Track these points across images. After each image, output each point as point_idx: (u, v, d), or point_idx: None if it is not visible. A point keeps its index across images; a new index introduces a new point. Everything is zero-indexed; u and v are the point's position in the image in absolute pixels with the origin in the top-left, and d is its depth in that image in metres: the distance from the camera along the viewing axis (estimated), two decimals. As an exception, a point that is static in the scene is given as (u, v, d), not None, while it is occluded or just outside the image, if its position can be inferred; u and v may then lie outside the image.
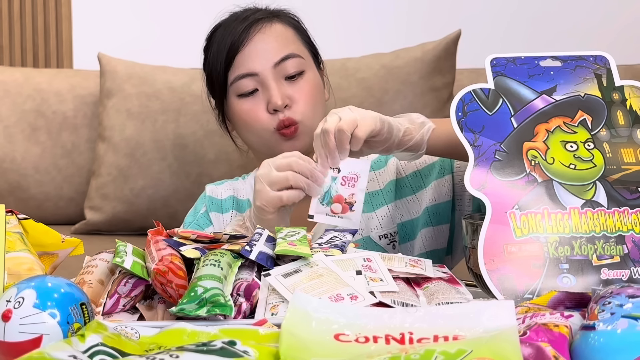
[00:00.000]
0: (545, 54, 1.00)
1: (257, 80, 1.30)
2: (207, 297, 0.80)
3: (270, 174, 1.06)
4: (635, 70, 2.04)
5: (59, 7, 2.70)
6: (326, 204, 1.04)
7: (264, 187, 1.07)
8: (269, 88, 1.29)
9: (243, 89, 1.31)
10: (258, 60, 1.31)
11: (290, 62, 1.31)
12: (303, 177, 1.04)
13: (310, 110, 1.31)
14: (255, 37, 1.32)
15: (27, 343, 0.69)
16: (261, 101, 1.30)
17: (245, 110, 1.31)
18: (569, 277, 0.87)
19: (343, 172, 1.04)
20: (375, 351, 0.66)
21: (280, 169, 1.06)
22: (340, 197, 1.03)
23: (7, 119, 2.18)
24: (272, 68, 1.30)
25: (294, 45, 1.34)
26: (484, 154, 0.93)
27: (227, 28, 1.36)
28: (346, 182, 1.04)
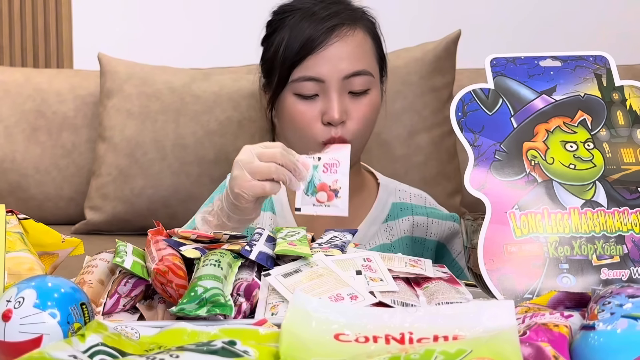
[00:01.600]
0: (545, 54, 1.00)
1: (321, 86, 1.23)
2: (207, 297, 0.80)
3: (253, 163, 1.03)
4: (635, 70, 2.04)
5: (59, 7, 2.70)
6: (311, 194, 1.02)
7: (244, 174, 1.03)
8: (330, 99, 1.22)
9: (304, 90, 1.24)
10: (329, 67, 1.23)
11: (360, 79, 1.24)
12: (286, 171, 1.03)
13: (362, 131, 1.26)
14: (335, 43, 1.24)
15: (27, 343, 0.69)
16: (317, 108, 1.24)
17: (300, 112, 1.24)
18: (569, 277, 0.87)
19: (324, 160, 1.03)
20: (375, 351, 0.66)
21: (264, 159, 1.03)
22: (324, 185, 1.02)
23: (7, 119, 2.18)
24: (340, 79, 1.23)
25: (367, 60, 1.27)
26: (483, 154, 0.93)
27: (306, 18, 1.26)
28: (328, 168, 1.02)
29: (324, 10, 1.26)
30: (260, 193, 1.04)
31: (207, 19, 2.64)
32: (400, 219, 1.35)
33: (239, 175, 1.04)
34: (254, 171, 1.03)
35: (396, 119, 2.00)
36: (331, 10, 1.26)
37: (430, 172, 2.01)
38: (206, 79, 2.17)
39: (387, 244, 1.32)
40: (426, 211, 1.37)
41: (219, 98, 2.12)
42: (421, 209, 1.37)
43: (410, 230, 1.34)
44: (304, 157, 1.04)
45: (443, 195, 1.99)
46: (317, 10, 1.26)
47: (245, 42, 2.65)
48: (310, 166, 1.03)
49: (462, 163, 2.06)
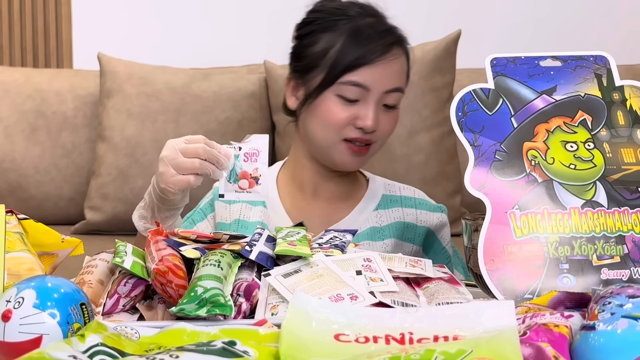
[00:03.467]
0: (546, 54, 1.00)
1: (364, 94, 1.30)
2: (207, 297, 0.79)
3: (177, 159, 1.09)
4: (635, 70, 2.04)
5: (59, 7, 2.70)
6: (233, 181, 1.08)
7: (169, 169, 1.09)
8: (369, 108, 1.30)
9: (348, 94, 1.30)
10: (378, 80, 1.31)
11: (395, 95, 1.33)
12: (209, 164, 1.08)
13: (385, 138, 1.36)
14: (389, 59, 1.31)
15: (27, 343, 0.69)
16: (353, 111, 1.30)
17: (337, 112, 1.30)
18: (569, 277, 0.87)
19: (244, 149, 1.09)
20: (375, 351, 0.66)
21: (187, 155, 1.09)
22: (245, 173, 1.08)
23: (7, 119, 2.18)
24: (382, 92, 1.30)
25: (402, 78, 1.36)
26: (484, 154, 0.93)
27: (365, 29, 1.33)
28: (248, 158, 1.08)
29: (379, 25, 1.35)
30: (185, 186, 1.10)
31: (207, 19, 2.64)
32: (391, 209, 1.41)
33: (164, 171, 1.10)
34: (178, 166, 1.09)
35: (396, 119, 2.00)
36: (386, 27, 1.35)
37: (430, 172, 2.01)
38: (206, 79, 2.17)
39: (377, 227, 1.38)
40: (415, 202, 1.42)
41: (219, 98, 2.12)
42: (410, 200, 1.42)
43: (402, 217, 1.40)
44: (225, 147, 1.10)
45: (443, 195, 1.99)
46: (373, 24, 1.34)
47: (245, 42, 2.66)
48: (232, 156, 1.09)
49: (462, 163, 2.06)
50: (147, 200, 1.18)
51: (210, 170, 1.08)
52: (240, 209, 1.38)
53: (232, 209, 1.38)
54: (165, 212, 1.16)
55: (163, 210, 1.16)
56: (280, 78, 2.11)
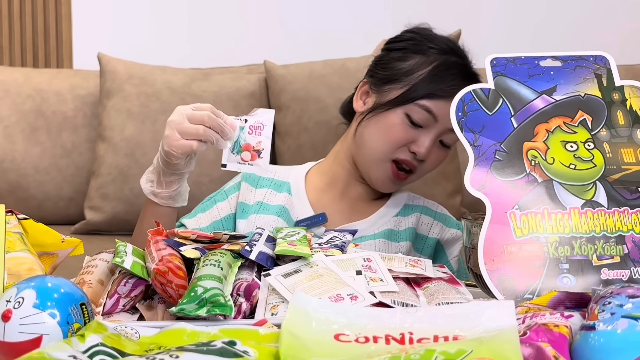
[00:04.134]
0: (545, 54, 1.00)
1: (431, 122, 1.32)
2: (207, 297, 0.79)
3: (183, 124, 1.11)
4: (635, 70, 2.04)
5: (59, 7, 2.70)
6: (236, 152, 1.10)
7: (174, 134, 1.12)
8: (428, 137, 1.32)
9: (416, 118, 1.31)
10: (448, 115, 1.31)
11: (453, 137, 1.31)
12: (213, 132, 1.10)
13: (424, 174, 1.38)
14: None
15: (27, 343, 0.69)
16: (412, 135, 1.32)
17: (399, 129, 1.32)
18: (569, 277, 0.87)
19: (250, 122, 1.10)
20: (375, 351, 0.66)
21: (193, 121, 1.11)
22: (248, 146, 1.10)
23: (7, 119, 2.18)
24: (445, 127, 1.32)
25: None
26: (484, 154, 0.93)
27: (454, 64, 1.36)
28: (253, 130, 1.10)
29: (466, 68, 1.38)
30: (188, 151, 1.13)
31: (208, 19, 2.64)
32: (409, 215, 1.42)
33: (169, 134, 1.13)
34: (183, 131, 1.12)
35: (396, 119, 1.99)
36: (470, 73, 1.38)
37: (430, 172, 2.00)
38: (206, 79, 2.17)
39: (395, 230, 1.39)
40: (434, 214, 1.44)
41: (219, 98, 2.12)
42: (430, 211, 1.44)
43: (416, 224, 1.41)
44: (232, 118, 1.11)
45: (443, 195, 1.99)
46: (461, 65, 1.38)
47: (245, 42, 2.66)
48: (237, 127, 1.10)
49: (462, 163, 2.06)
50: (155, 164, 1.20)
51: (214, 139, 1.10)
52: (265, 193, 1.39)
53: (257, 192, 1.39)
54: (169, 176, 1.18)
55: (168, 174, 1.18)
56: (280, 78, 2.11)
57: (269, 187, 1.40)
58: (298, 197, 1.39)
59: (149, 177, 1.22)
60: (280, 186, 1.41)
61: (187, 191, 1.24)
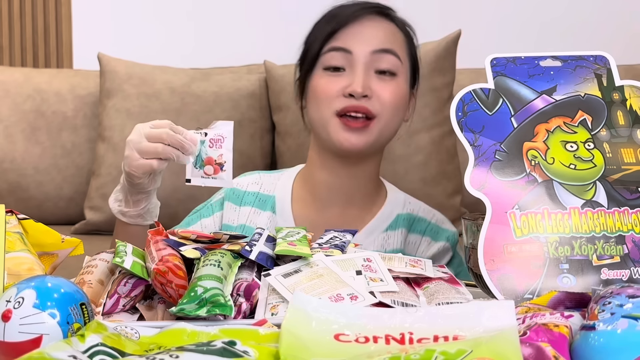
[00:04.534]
0: (545, 54, 1.00)
1: (348, 59, 1.27)
2: (207, 297, 0.79)
3: (141, 144, 1.10)
4: (635, 70, 2.04)
5: (59, 7, 2.70)
6: (199, 167, 1.09)
7: (134, 153, 1.10)
8: (355, 72, 1.25)
9: (331, 61, 1.27)
10: (358, 40, 1.27)
11: (388, 58, 1.27)
12: (172, 149, 1.08)
13: (390, 112, 1.28)
14: (365, 21, 1.29)
15: (27, 343, 0.69)
16: (343, 82, 1.26)
17: (324, 83, 1.27)
18: (569, 277, 0.87)
19: (210, 135, 1.09)
20: (375, 351, 0.66)
21: (151, 139, 1.09)
22: (210, 159, 1.08)
23: (7, 119, 2.18)
24: (368, 53, 1.26)
25: (399, 47, 1.31)
26: (484, 154, 0.93)
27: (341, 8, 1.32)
28: (214, 144, 1.09)
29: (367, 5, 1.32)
30: (148, 171, 1.11)
31: (207, 19, 2.64)
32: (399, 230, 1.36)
33: (129, 155, 1.11)
34: (142, 150, 1.10)
35: (396, 119, 1.99)
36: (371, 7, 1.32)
37: (430, 172, 2.00)
38: (206, 79, 2.17)
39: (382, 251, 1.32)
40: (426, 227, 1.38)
41: (218, 98, 2.12)
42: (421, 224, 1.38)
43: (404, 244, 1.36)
44: (191, 132, 1.10)
45: (443, 195, 1.99)
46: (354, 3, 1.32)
47: (245, 42, 2.66)
48: (198, 141, 1.09)
49: (462, 163, 2.06)
50: (122, 182, 1.18)
51: (174, 155, 1.08)
52: (249, 213, 1.36)
53: (241, 212, 1.36)
54: (136, 195, 1.16)
55: (134, 193, 1.16)
56: (280, 78, 2.11)
57: (252, 205, 1.37)
58: (282, 216, 1.35)
59: (116, 196, 1.19)
60: (264, 202, 1.37)
61: (157, 207, 1.22)
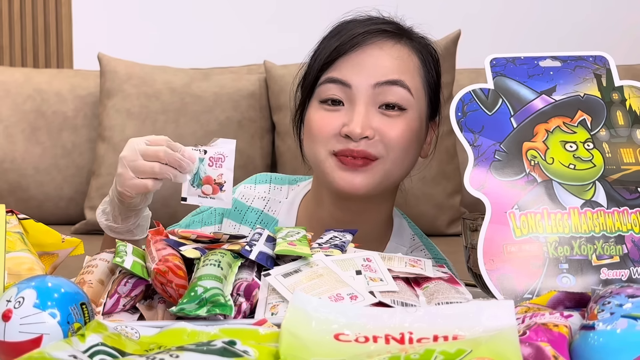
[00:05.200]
0: (545, 54, 1.00)
1: (347, 93, 1.09)
2: (207, 297, 0.80)
3: (136, 162, 1.02)
4: (635, 70, 2.04)
5: (59, 7, 2.70)
6: (197, 185, 1.03)
7: (127, 172, 1.02)
8: (354, 109, 1.08)
9: (327, 94, 1.10)
10: (358, 71, 1.09)
11: (395, 90, 1.09)
12: (170, 168, 1.01)
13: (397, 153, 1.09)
14: (369, 48, 1.11)
15: (27, 343, 0.69)
16: (340, 119, 1.09)
17: (318, 118, 1.11)
18: (569, 277, 0.87)
19: (210, 153, 1.03)
20: (375, 351, 0.66)
21: (147, 158, 1.02)
22: (209, 179, 1.02)
23: (7, 119, 2.18)
24: (370, 87, 1.09)
25: (410, 76, 1.11)
26: (483, 154, 0.93)
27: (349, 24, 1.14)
28: (213, 162, 1.03)
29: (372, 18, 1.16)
30: (143, 191, 1.04)
31: (207, 19, 2.64)
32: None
33: (122, 172, 1.03)
34: (137, 170, 1.02)
35: (396, 119, 1.99)
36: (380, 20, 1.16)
37: (430, 172, 2.01)
38: (206, 79, 2.17)
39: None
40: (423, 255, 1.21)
41: (219, 98, 2.12)
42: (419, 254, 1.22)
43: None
44: (189, 149, 1.04)
45: (443, 195, 1.99)
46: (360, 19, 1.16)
47: (245, 42, 2.66)
48: (196, 159, 1.03)
49: (462, 163, 2.06)
50: (111, 196, 1.09)
51: (171, 175, 1.01)
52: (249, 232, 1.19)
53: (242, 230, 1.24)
54: (125, 212, 1.08)
55: (122, 210, 1.08)
56: (280, 78, 2.11)
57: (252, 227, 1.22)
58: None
59: (104, 208, 1.11)
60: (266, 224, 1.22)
61: (148, 219, 1.13)
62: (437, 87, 1.19)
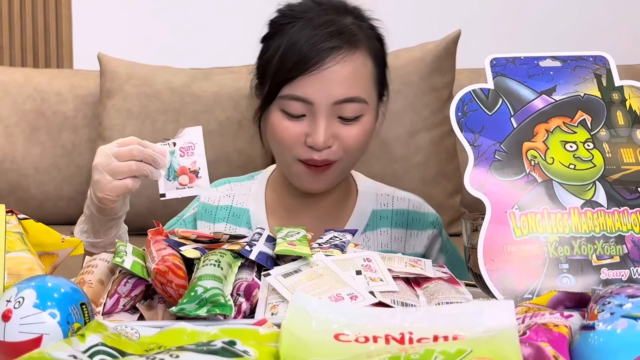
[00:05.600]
0: (545, 54, 1.00)
1: (309, 107, 1.17)
2: (207, 297, 0.80)
3: (112, 164, 1.03)
4: (635, 70, 2.04)
5: (59, 7, 2.70)
6: (173, 179, 1.04)
7: (104, 177, 1.03)
8: (317, 124, 1.17)
9: (290, 109, 1.18)
10: (320, 91, 1.17)
11: (352, 106, 1.18)
12: (145, 164, 1.03)
13: (352, 153, 1.21)
14: (330, 67, 1.17)
15: (27, 343, 0.69)
16: (303, 127, 1.19)
17: (283, 128, 1.19)
18: (569, 277, 0.87)
19: (179, 144, 1.05)
20: (375, 351, 0.66)
21: (122, 158, 1.03)
22: (184, 169, 1.04)
23: (7, 119, 2.18)
24: (330, 104, 1.17)
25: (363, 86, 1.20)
26: (483, 154, 0.93)
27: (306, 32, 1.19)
28: (184, 152, 1.05)
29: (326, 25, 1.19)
30: (124, 191, 1.05)
31: (207, 19, 2.64)
32: (379, 230, 1.31)
33: (99, 179, 1.04)
34: (114, 172, 1.04)
35: (396, 119, 2.00)
36: (333, 28, 1.19)
37: (430, 172, 2.01)
38: (206, 79, 2.17)
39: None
40: (407, 218, 1.32)
41: (218, 98, 2.12)
42: (401, 215, 1.32)
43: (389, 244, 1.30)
44: (159, 144, 1.05)
45: (443, 195, 1.99)
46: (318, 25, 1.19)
47: (245, 42, 2.65)
48: (167, 153, 1.05)
49: (462, 163, 2.06)
50: (87, 213, 1.11)
51: (147, 171, 1.03)
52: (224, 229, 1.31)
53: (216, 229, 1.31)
54: (106, 223, 1.10)
55: (104, 221, 1.10)
56: (280, 78, 2.11)
57: (227, 221, 1.31)
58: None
59: (81, 228, 1.12)
60: (239, 217, 1.32)
61: (126, 232, 1.16)
62: (384, 66, 1.27)
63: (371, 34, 1.25)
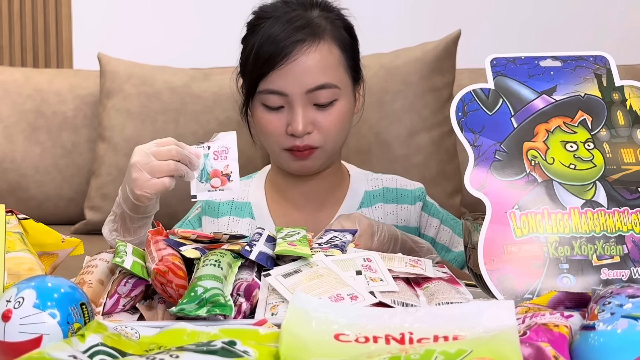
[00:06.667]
0: (545, 54, 1.00)
1: (284, 99, 1.26)
2: (207, 297, 0.80)
3: (151, 163, 1.07)
4: (635, 70, 2.04)
5: (59, 7, 2.70)
6: (205, 181, 1.08)
7: (143, 174, 1.07)
8: (294, 112, 1.25)
9: (269, 103, 1.27)
10: (292, 82, 1.25)
11: (324, 92, 1.26)
12: (183, 165, 1.07)
13: (333, 136, 1.29)
14: (297, 59, 1.25)
15: (27, 343, 0.69)
16: (284, 118, 1.27)
17: (265, 120, 1.28)
18: (569, 277, 0.87)
19: (213, 148, 1.09)
20: (375, 351, 0.66)
21: (161, 157, 1.07)
22: (216, 172, 1.08)
23: (7, 119, 2.18)
24: (304, 93, 1.25)
25: (332, 72, 1.28)
26: (484, 154, 0.93)
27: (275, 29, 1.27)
28: (218, 156, 1.09)
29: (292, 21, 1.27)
30: (161, 190, 1.08)
31: (207, 19, 2.64)
32: (374, 206, 1.38)
33: (138, 176, 1.08)
34: (153, 170, 1.07)
35: (396, 119, 2.00)
36: (299, 23, 1.27)
37: (430, 172, 2.01)
38: (206, 79, 2.17)
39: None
40: (396, 194, 1.40)
41: (218, 98, 2.12)
42: (392, 192, 1.39)
43: (384, 218, 1.37)
44: (194, 147, 1.10)
45: (443, 195, 1.99)
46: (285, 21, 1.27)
47: (245, 42, 2.65)
48: (202, 155, 1.09)
49: (462, 163, 2.06)
50: (118, 212, 1.15)
51: (184, 171, 1.07)
52: (228, 222, 1.36)
53: (220, 223, 1.37)
54: (138, 221, 1.14)
55: (136, 219, 1.13)
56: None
57: (230, 215, 1.37)
58: (261, 219, 1.36)
59: (111, 227, 1.16)
60: (241, 210, 1.38)
61: None
62: (355, 53, 1.35)
63: (338, 23, 1.33)
